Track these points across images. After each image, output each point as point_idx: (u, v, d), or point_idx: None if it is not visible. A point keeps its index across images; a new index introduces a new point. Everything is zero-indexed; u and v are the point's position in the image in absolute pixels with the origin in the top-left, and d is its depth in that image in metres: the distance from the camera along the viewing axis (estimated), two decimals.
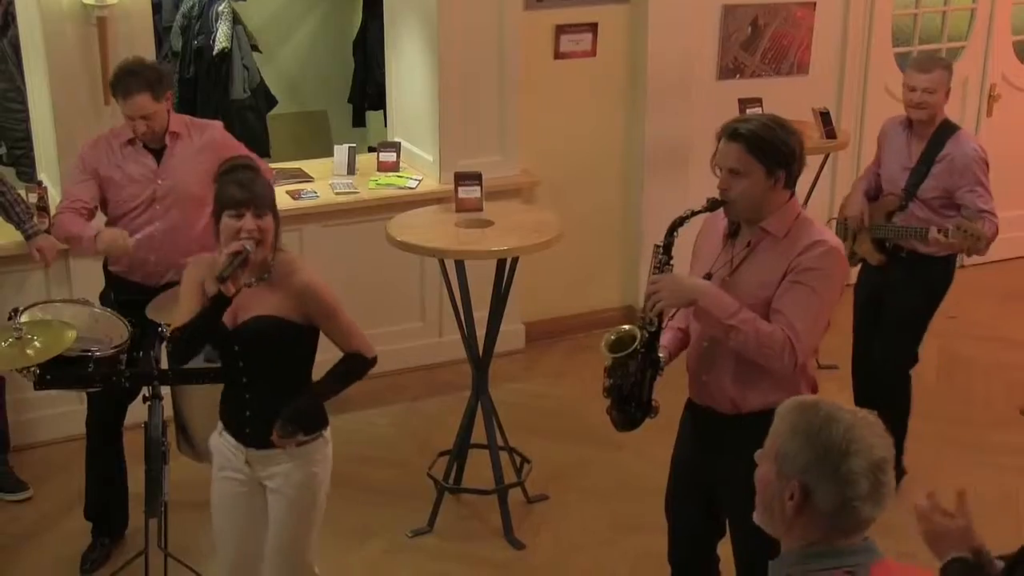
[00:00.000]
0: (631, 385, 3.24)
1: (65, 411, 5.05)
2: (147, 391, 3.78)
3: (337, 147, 6.00)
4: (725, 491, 3.23)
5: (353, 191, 5.68)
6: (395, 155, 5.95)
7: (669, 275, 3.16)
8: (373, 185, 5.76)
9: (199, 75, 6.72)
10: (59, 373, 3.61)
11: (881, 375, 4.87)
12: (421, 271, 5.74)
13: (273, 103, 7.02)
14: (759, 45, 6.47)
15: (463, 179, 4.83)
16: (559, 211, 5.12)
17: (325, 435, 3.39)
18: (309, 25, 7.93)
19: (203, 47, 6.68)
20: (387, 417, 5.51)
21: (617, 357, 3.23)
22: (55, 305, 4.06)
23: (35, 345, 3.55)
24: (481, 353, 4.68)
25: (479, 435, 4.74)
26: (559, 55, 6.01)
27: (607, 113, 6.20)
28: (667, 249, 3.20)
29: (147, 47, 4.99)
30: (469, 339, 4.65)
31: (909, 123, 4.71)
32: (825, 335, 3.23)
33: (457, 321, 4.68)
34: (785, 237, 3.11)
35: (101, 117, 4.89)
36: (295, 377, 3.34)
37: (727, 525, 3.39)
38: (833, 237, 3.16)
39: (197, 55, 6.71)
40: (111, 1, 4.85)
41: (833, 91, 6.72)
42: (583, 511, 4.80)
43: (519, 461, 4.88)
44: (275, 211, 3.24)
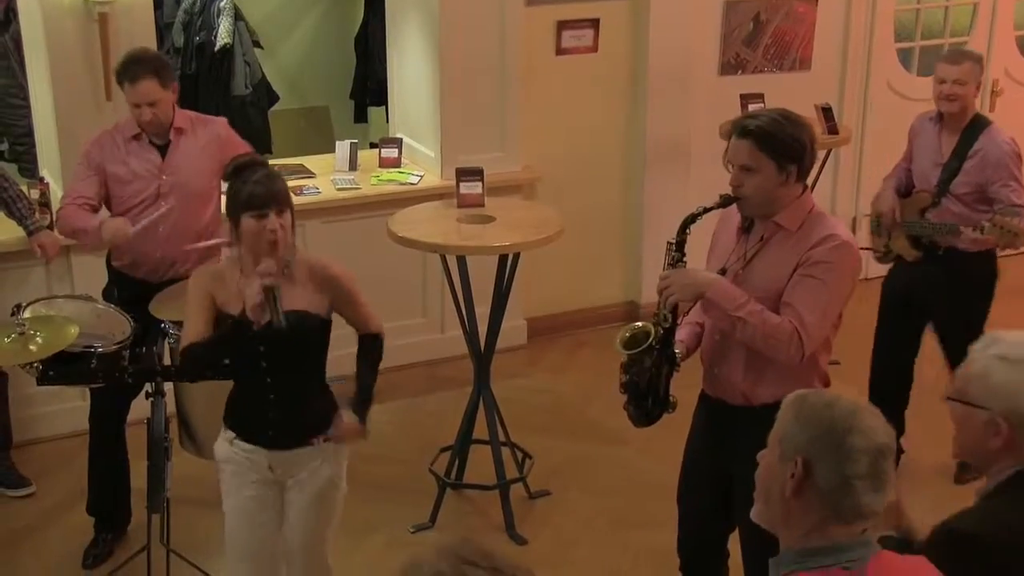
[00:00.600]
0: (647, 380, 3.25)
1: (68, 407, 5.06)
2: (150, 387, 3.79)
3: (339, 143, 6.00)
4: (735, 483, 3.24)
5: (355, 187, 5.69)
6: (397, 151, 5.95)
7: (679, 270, 3.17)
8: (375, 181, 5.77)
9: (201, 71, 6.72)
10: (62, 369, 3.61)
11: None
12: (423, 267, 5.73)
13: (275, 99, 7.02)
14: (761, 41, 6.47)
15: (465, 175, 4.83)
16: (560, 207, 5.13)
17: None
18: (311, 21, 7.92)
19: (205, 43, 6.68)
20: (389, 413, 5.49)
21: (632, 353, 3.24)
22: (58, 301, 4.07)
23: (38, 341, 3.56)
24: (483, 349, 4.68)
25: (481, 431, 4.74)
26: (560, 51, 6.00)
27: (609, 109, 6.19)
28: (680, 246, 3.21)
29: (148, 43, 4.97)
30: (471, 335, 4.66)
31: (940, 118, 4.64)
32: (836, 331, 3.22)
33: (459, 317, 4.69)
34: (798, 231, 3.12)
35: (103, 113, 4.89)
36: (317, 372, 3.34)
37: (737, 517, 3.39)
38: (846, 231, 3.16)
39: (199, 51, 6.71)
40: None
41: (835, 87, 6.71)
42: (585, 507, 4.81)
43: (521, 457, 4.88)
44: (292, 206, 3.24)
